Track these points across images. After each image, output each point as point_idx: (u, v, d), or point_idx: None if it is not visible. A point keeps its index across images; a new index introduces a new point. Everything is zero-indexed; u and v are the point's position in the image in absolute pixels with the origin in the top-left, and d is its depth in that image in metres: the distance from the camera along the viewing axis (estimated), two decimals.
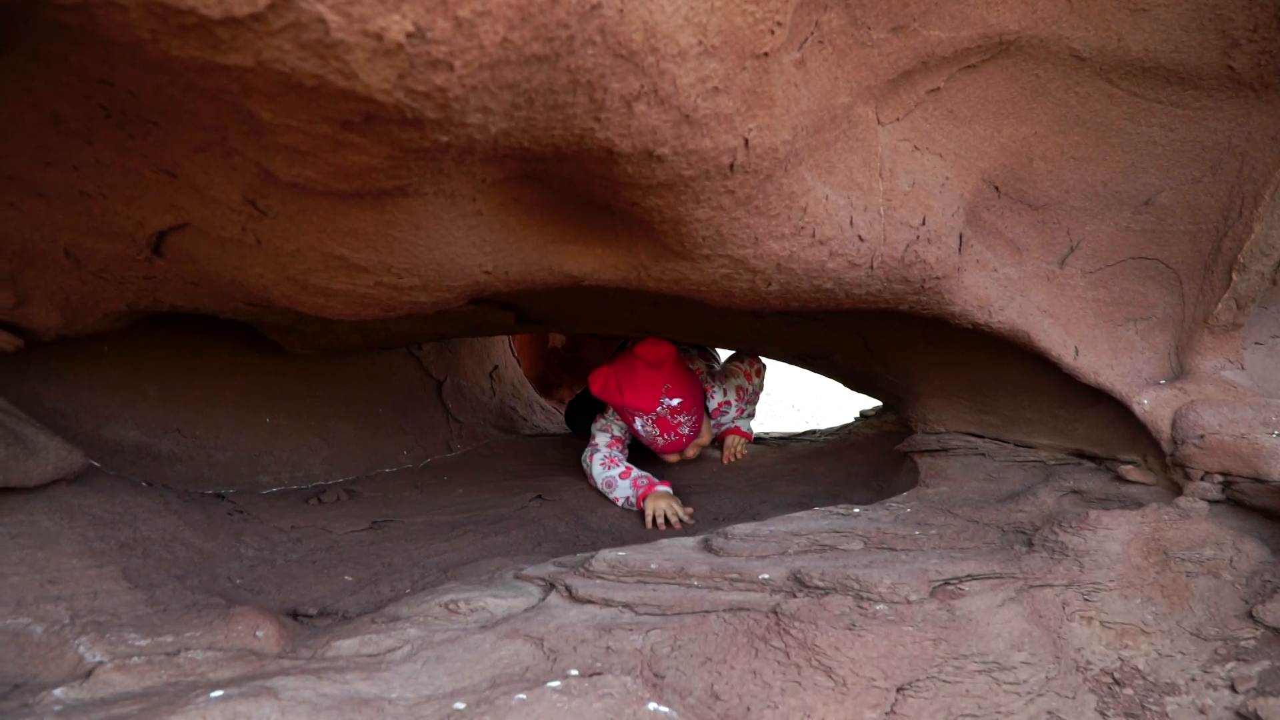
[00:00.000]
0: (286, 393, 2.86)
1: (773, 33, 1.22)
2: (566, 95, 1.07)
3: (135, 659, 1.48)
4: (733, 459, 3.45)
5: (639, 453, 3.51)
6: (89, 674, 1.43)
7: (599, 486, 3.04)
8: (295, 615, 1.87)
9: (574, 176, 1.31)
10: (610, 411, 3.30)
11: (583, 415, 3.86)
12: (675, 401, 3.03)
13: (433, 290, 1.53)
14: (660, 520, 2.73)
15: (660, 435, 3.09)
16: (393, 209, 1.26)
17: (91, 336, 2.11)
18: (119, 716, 1.24)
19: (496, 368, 4.02)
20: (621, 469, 3.01)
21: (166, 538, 2.02)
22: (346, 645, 1.59)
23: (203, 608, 1.76)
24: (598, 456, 3.09)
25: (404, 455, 3.19)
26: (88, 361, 2.35)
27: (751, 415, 3.72)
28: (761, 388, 3.69)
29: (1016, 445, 2.41)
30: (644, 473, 2.99)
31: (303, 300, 1.54)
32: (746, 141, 1.30)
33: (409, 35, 0.85)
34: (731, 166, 1.32)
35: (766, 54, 1.24)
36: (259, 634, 1.62)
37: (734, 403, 3.49)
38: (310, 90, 0.90)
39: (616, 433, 3.25)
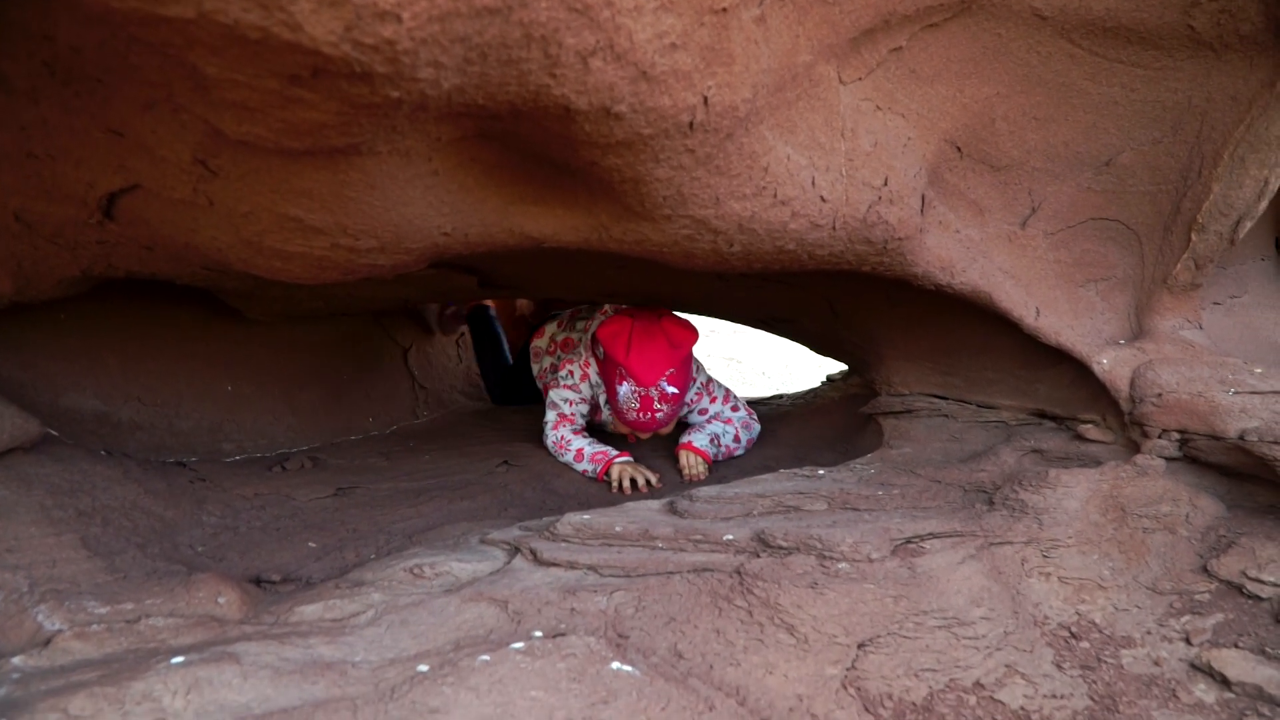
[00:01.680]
0: (249, 360, 2.82)
1: None
2: (520, 50, 1.05)
3: (94, 626, 1.46)
4: (690, 478, 2.88)
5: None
6: (48, 642, 1.41)
7: (563, 462, 2.95)
8: (258, 582, 1.86)
9: (532, 135, 1.29)
10: (568, 375, 3.13)
11: (508, 387, 3.76)
12: (671, 389, 2.89)
13: (391, 253, 1.51)
14: (626, 484, 2.68)
15: (638, 411, 2.91)
16: (347, 168, 1.24)
17: (47, 304, 2.07)
18: (78, 684, 1.23)
19: (463, 333, 3.99)
20: (574, 447, 2.91)
21: (126, 506, 1.99)
22: (310, 610, 1.58)
23: (163, 575, 1.74)
24: (552, 436, 3.00)
25: (369, 422, 3.17)
26: (44, 329, 2.30)
27: (719, 448, 3.10)
28: (745, 444, 3.19)
29: (979, 406, 2.43)
30: (602, 446, 2.90)
31: (259, 263, 1.51)
32: (706, 99, 1.29)
33: None
34: (691, 125, 1.31)
35: (725, 9, 1.22)
36: (220, 600, 1.61)
37: (717, 425, 3.14)
38: (255, 43, 0.88)
39: (566, 410, 3.07)
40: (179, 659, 1.27)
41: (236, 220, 1.37)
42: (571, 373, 3.10)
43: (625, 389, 2.87)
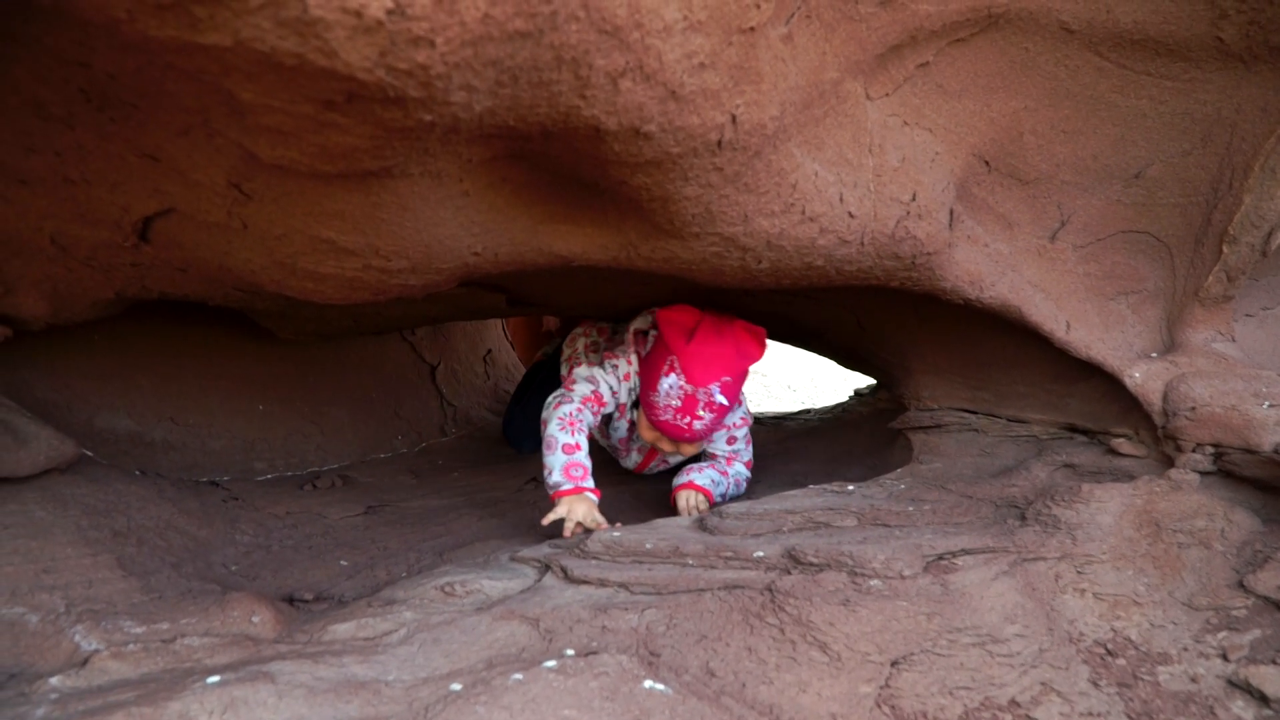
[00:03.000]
0: (280, 379, 2.85)
1: (759, 7, 1.21)
2: (551, 72, 1.06)
3: (131, 646, 1.48)
4: (688, 513, 2.53)
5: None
6: (85, 662, 1.43)
7: (544, 439, 2.34)
8: (291, 600, 1.87)
9: (561, 155, 1.30)
10: (612, 367, 2.59)
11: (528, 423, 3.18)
12: (720, 399, 2.45)
13: (422, 273, 1.52)
14: (570, 526, 2.16)
15: (677, 412, 2.42)
16: (379, 190, 1.25)
17: (81, 325, 2.10)
18: (116, 704, 1.24)
19: (490, 351, 4.01)
20: (573, 439, 2.30)
21: (161, 525, 2.02)
22: (343, 629, 1.59)
23: (198, 594, 1.76)
24: (565, 408, 2.37)
25: (398, 440, 3.19)
26: (78, 351, 2.34)
27: (722, 488, 2.70)
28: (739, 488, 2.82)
29: (1009, 420, 2.41)
30: (587, 464, 2.30)
31: (291, 285, 1.53)
32: (734, 118, 1.29)
33: (389, 12, 0.84)
34: (719, 143, 1.31)
35: (753, 29, 1.23)
36: (255, 619, 1.62)
37: (714, 472, 2.68)
38: (290, 69, 0.89)
39: (605, 390, 2.54)
40: (215, 679, 1.28)
41: (270, 243, 1.39)
42: (617, 366, 2.60)
43: (670, 383, 2.41)
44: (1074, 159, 2.00)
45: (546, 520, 2.16)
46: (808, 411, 4.25)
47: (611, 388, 2.55)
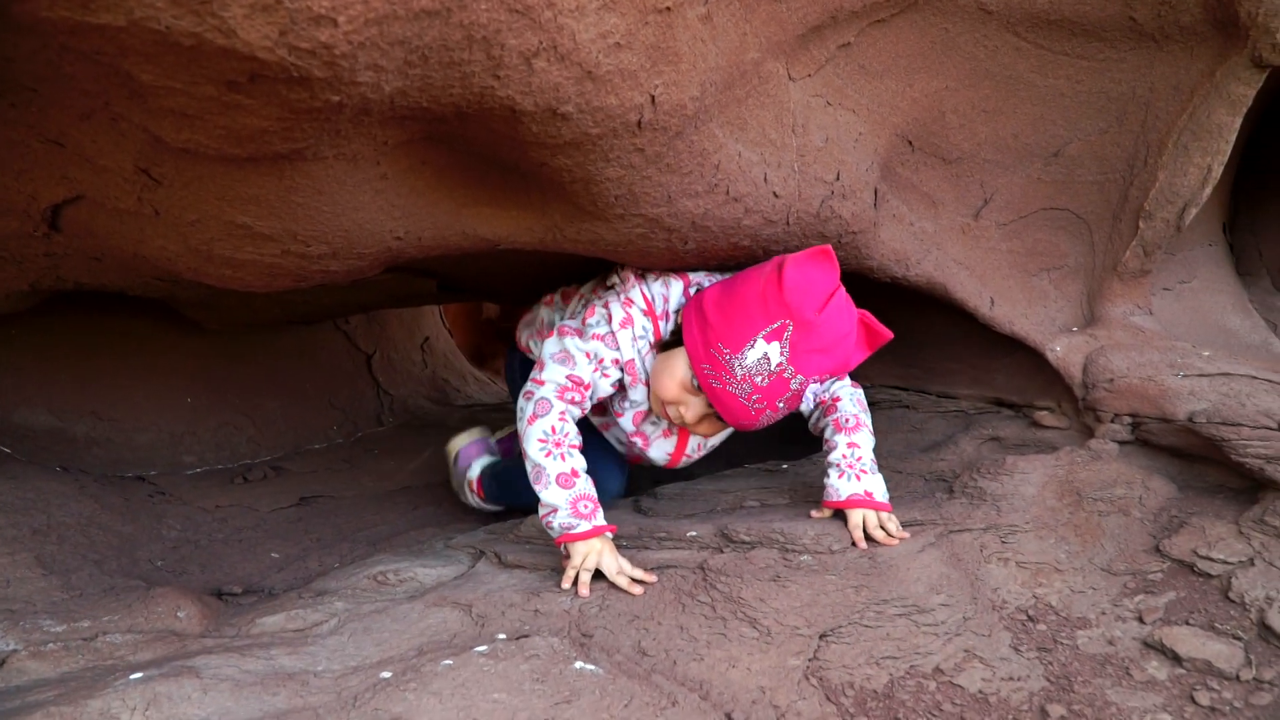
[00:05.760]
0: (209, 371, 2.80)
1: None
2: (462, 52, 1.05)
3: (50, 645, 1.45)
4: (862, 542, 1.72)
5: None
6: (2, 663, 1.39)
7: (526, 465, 1.70)
8: (219, 595, 1.85)
9: (480, 137, 1.29)
10: (601, 320, 1.79)
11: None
12: (809, 395, 1.94)
13: (344, 258, 1.50)
14: (585, 576, 1.60)
15: (751, 395, 1.66)
16: (292, 174, 1.23)
17: None
18: (35, 704, 1.22)
19: (428, 339, 3.97)
20: (566, 465, 1.66)
21: (83, 522, 1.97)
22: (272, 621, 1.58)
23: (121, 591, 1.72)
24: (543, 422, 1.69)
25: (333, 430, 3.15)
26: None
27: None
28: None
29: (939, 396, 2.46)
30: (594, 494, 1.68)
31: (209, 272, 1.50)
32: (653, 98, 1.29)
33: None
34: (639, 124, 1.31)
35: (669, 9, 1.23)
36: (180, 614, 1.60)
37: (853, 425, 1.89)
38: (189, 49, 0.87)
39: (584, 373, 1.76)
40: (137, 675, 1.26)
41: (184, 229, 1.36)
42: (609, 315, 1.78)
43: (767, 352, 1.62)
44: (995, 138, 2.03)
45: (568, 580, 1.60)
46: None
47: (598, 358, 1.76)
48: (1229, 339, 2.32)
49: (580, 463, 1.69)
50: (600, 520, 1.65)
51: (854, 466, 1.76)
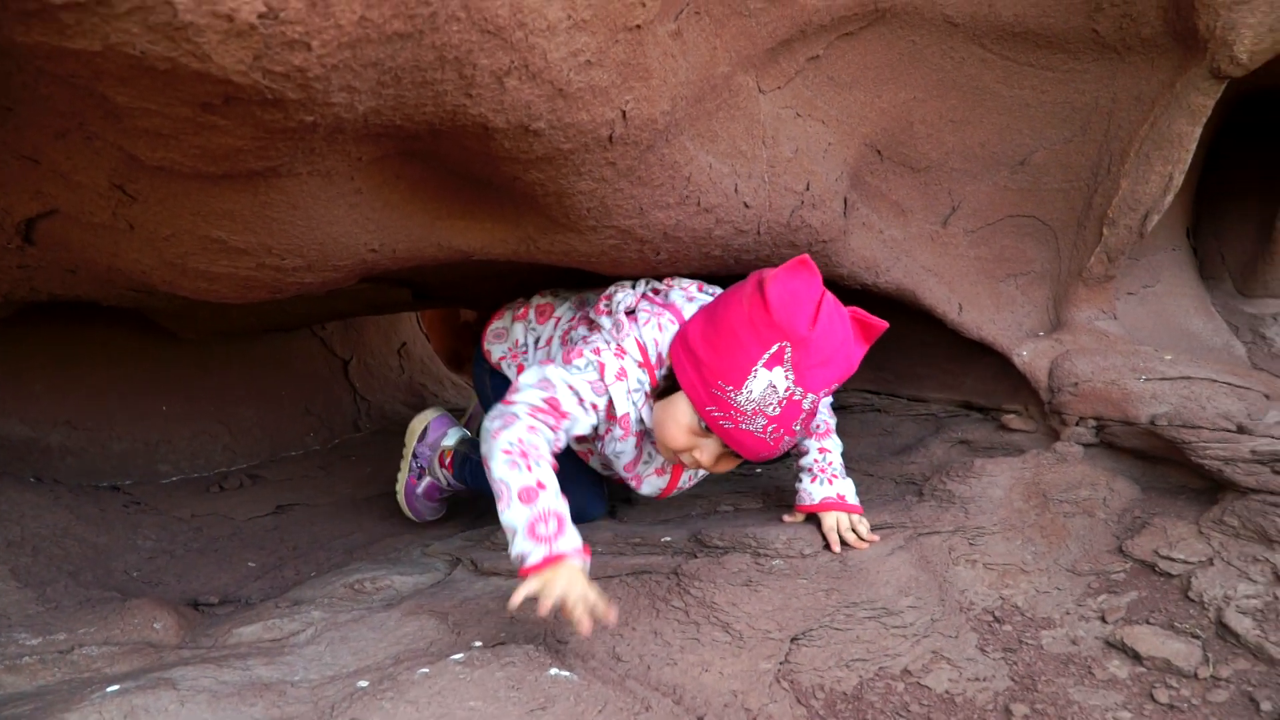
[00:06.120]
0: (184, 379, 2.79)
1: (644, 5, 1.23)
2: (434, 72, 1.07)
3: (26, 659, 1.45)
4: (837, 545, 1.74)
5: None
6: None
7: (491, 487, 1.49)
8: (196, 605, 1.85)
9: (453, 153, 1.30)
10: (589, 365, 1.65)
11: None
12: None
13: (318, 270, 1.51)
14: (575, 614, 1.35)
15: (767, 428, 1.57)
16: (267, 190, 1.24)
17: None
18: (12, 718, 1.22)
19: (404, 344, 3.97)
20: (530, 477, 1.45)
21: (57, 533, 1.97)
22: (248, 631, 1.59)
23: (97, 603, 1.72)
24: (508, 434, 1.50)
25: (310, 437, 3.15)
26: None
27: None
28: None
29: (910, 400, 2.50)
30: (560, 509, 1.45)
31: (184, 284, 1.50)
32: (624, 113, 1.32)
33: (261, 16, 0.84)
34: (611, 138, 1.33)
35: (639, 26, 1.25)
36: (157, 626, 1.60)
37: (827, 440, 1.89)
38: (164, 73, 0.88)
39: (567, 402, 1.60)
40: (114, 688, 1.27)
41: (158, 243, 1.36)
42: (601, 366, 1.65)
43: (772, 380, 1.53)
44: (962, 147, 2.07)
45: (515, 601, 1.36)
46: None
47: (579, 395, 1.62)
48: (1192, 342, 2.37)
49: (548, 475, 1.47)
50: (563, 546, 1.40)
51: (825, 471, 1.79)
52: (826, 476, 1.78)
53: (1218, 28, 1.77)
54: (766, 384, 1.53)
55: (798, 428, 1.60)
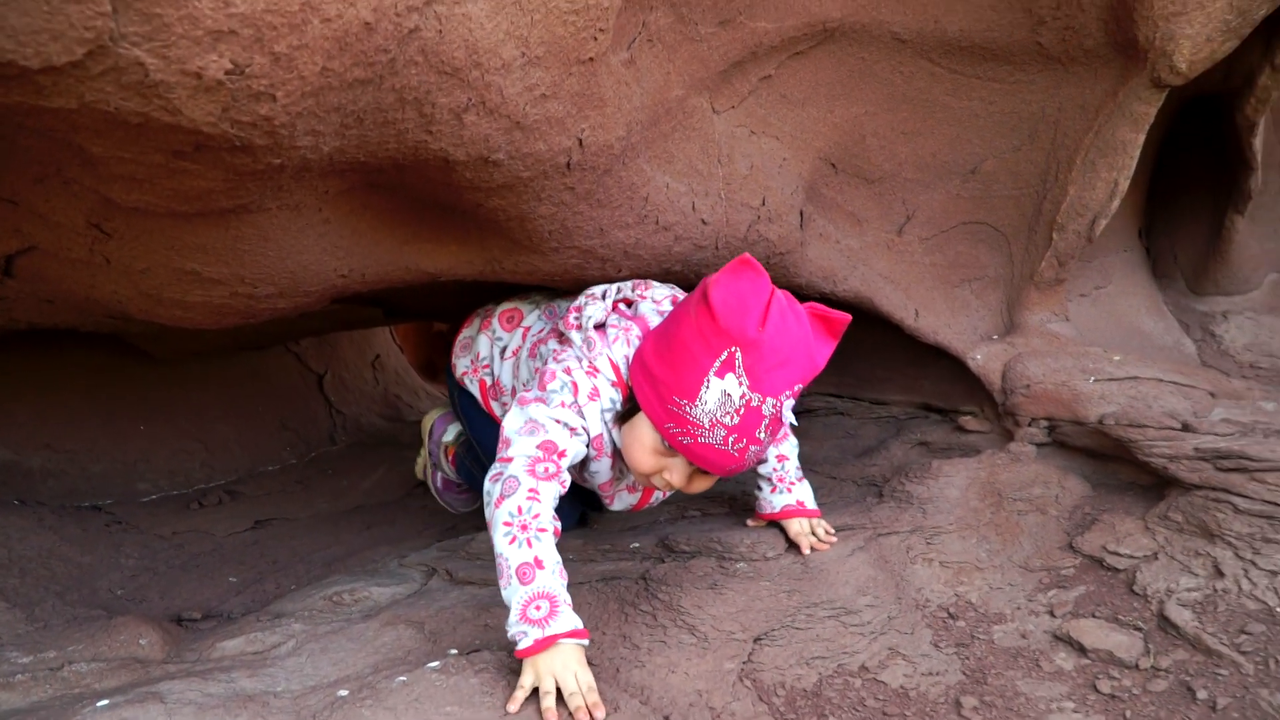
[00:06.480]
0: (160, 399, 2.83)
1: (596, 39, 1.29)
2: (395, 112, 1.13)
3: (19, 676, 1.49)
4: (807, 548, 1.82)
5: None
6: None
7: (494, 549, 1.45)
8: (179, 621, 1.89)
9: (417, 183, 1.36)
10: (564, 387, 1.59)
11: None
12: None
13: (290, 296, 1.57)
14: (572, 704, 1.32)
15: (727, 439, 1.51)
16: (238, 225, 1.30)
17: None
18: None
19: (379, 356, 4.01)
20: (529, 553, 1.40)
21: (43, 554, 2.01)
22: (231, 645, 1.63)
23: (84, 621, 1.77)
24: (510, 503, 1.44)
25: (286, 452, 3.19)
26: None
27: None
28: None
29: (872, 403, 2.57)
30: (556, 589, 1.39)
31: (160, 313, 1.55)
32: (581, 141, 1.38)
33: (228, 72, 0.90)
34: (569, 165, 1.40)
35: (592, 59, 1.31)
36: (142, 642, 1.65)
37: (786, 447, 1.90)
38: (137, 126, 0.94)
39: (560, 440, 1.54)
40: (104, 702, 1.32)
41: (134, 276, 1.42)
42: (574, 385, 1.60)
43: (724, 389, 1.48)
44: (915, 158, 2.14)
45: (514, 706, 1.32)
46: None
47: (568, 426, 1.56)
48: (1143, 341, 2.46)
49: (547, 550, 1.42)
50: (557, 628, 1.35)
51: (784, 480, 1.84)
52: (785, 485, 1.83)
53: (1157, 39, 1.83)
54: (720, 393, 1.47)
55: (762, 435, 1.52)
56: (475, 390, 2.00)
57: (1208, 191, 2.71)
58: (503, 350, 1.97)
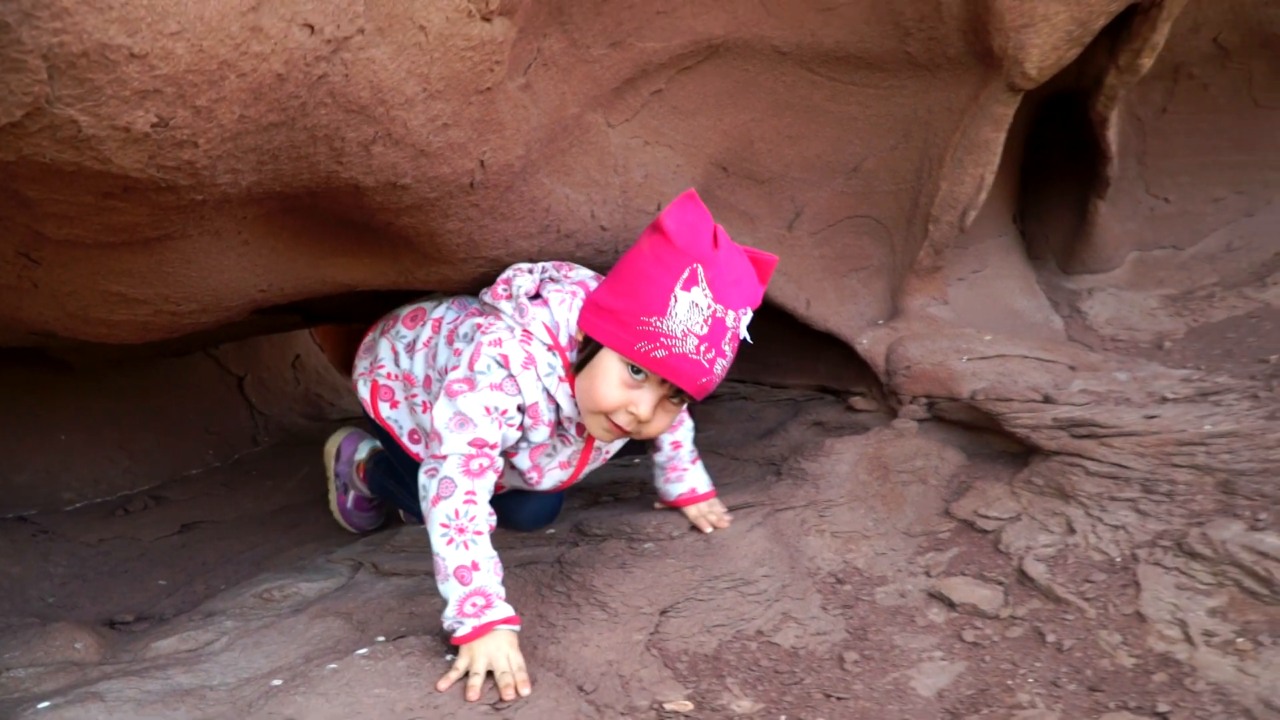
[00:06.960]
0: (80, 408, 2.84)
1: (493, 70, 1.41)
2: (308, 148, 1.23)
3: None
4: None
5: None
6: None
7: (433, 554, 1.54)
8: (113, 624, 1.96)
9: (330, 206, 1.46)
10: (494, 364, 1.60)
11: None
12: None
13: (212, 312, 1.65)
14: (502, 683, 1.43)
15: (699, 347, 1.55)
16: (162, 250, 1.38)
17: None
18: None
19: (299, 357, 4.03)
20: (466, 556, 1.51)
21: None
22: (165, 644, 1.72)
23: (18, 629, 1.83)
24: (445, 506, 1.53)
25: (209, 455, 3.22)
26: None
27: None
28: None
29: (772, 387, 2.74)
30: (491, 585, 1.52)
31: (85, 331, 1.62)
32: (483, 162, 1.49)
33: (154, 125, 0.99)
34: (473, 185, 1.51)
35: (490, 88, 1.42)
36: (77, 646, 1.72)
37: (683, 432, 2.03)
38: (70, 174, 1.03)
39: (488, 433, 1.59)
40: (45, 704, 1.40)
41: (61, 298, 1.48)
42: (505, 358, 1.62)
43: (693, 299, 1.54)
44: (801, 159, 2.30)
45: (445, 684, 1.44)
46: None
47: (498, 410, 1.60)
48: (1016, 320, 2.66)
49: (484, 551, 1.53)
50: (494, 614, 1.48)
51: (678, 467, 1.96)
52: (679, 473, 1.96)
53: (1009, 48, 2.01)
54: (689, 303, 1.54)
55: (727, 349, 1.60)
56: (365, 392, 2.04)
57: (1073, 179, 2.89)
58: (410, 345, 1.97)
